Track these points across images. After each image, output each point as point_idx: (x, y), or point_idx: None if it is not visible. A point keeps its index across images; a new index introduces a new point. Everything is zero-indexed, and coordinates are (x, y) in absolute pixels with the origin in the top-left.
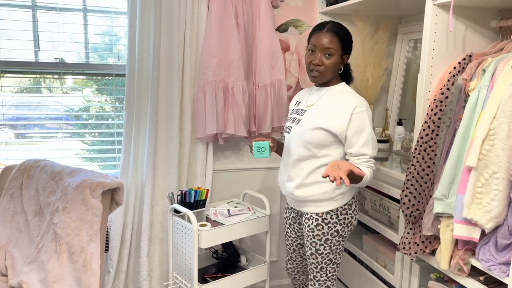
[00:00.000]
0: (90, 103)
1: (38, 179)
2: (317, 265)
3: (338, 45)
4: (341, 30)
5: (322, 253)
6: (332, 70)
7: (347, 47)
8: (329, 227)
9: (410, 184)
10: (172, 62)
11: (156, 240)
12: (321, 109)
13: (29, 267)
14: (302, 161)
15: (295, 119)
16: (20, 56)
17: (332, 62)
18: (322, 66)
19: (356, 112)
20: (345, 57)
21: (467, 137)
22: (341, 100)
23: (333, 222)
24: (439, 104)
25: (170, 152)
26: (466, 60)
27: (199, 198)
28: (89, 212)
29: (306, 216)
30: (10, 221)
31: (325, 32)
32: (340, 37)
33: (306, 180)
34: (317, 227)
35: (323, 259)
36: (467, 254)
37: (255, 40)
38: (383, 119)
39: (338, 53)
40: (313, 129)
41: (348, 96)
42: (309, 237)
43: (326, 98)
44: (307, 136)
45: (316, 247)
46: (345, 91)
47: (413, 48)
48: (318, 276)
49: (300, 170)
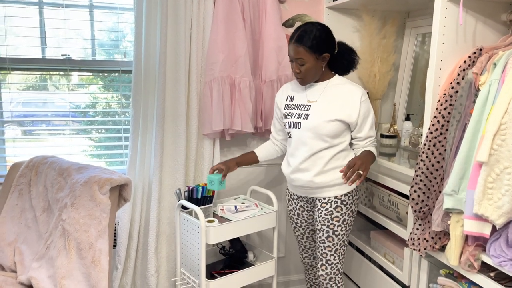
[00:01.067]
0: (96, 99)
1: (46, 176)
2: (332, 248)
3: (305, 53)
4: (308, 37)
5: (339, 234)
6: (312, 73)
7: (320, 49)
8: (347, 208)
9: (419, 179)
10: (178, 58)
11: (163, 236)
12: (329, 102)
13: (38, 263)
14: (319, 152)
15: (302, 114)
16: (27, 53)
17: (307, 68)
18: (301, 73)
19: (363, 100)
20: (324, 55)
21: (478, 132)
22: (346, 91)
23: (350, 203)
24: (449, 99)
25: (177, 148)
26: (476, 54)
27: (206, 195)
28: (97, 208)
29: (323, 201)
30: (19, 217)
31: (292, 43)
32: (308, 45)
33: (325, 168)
34: (336, 209)
35: (339, 240)
36: (477, 250)
37: (261, 35)
38: (391, 115)
39: (310, 58)
40: (328, 122)
41: (351, 87)
42: (326, 220)
43: (329, 92)
44: (324, 129)
45: (334, 228)
46: (345, 82)
47: (421, 42)
48: (332, 259)
49: (318, 159)
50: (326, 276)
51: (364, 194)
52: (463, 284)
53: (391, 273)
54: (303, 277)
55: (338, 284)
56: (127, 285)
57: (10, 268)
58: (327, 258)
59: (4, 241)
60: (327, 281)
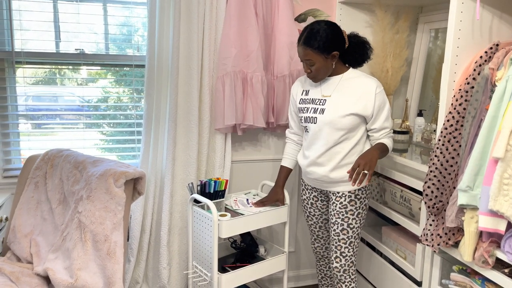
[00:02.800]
0: (109, 94)
1: (62, 168)
2: (346, 240)
3: (313, 54)
4: (315, 39)
5: (354, 227)
6: (323, 71)
7: (328, 48)
8: (361, 202)
9: (433, 175)
10: (191, 53)
11: (175, 230)
12: (344, 96)
13: (54, 255)
14: (336, 146)
15: (317, 109)
16: (42, 47)
17: (317, 67)
18: (312, 73)
19: (378, 92)
20: (333, 54)
21: (494, 128)
22: (360, 84)
23: (364, 197)
24: (464, 94)
25: (189, 142)
26: (493, 49)
27: (219, 189)
28: (112, 201)
29: (337, 194)
30: (35, 209)
31: (300, 45)
32: (315, 47)
33: (341, 163)
34: (350, 203)
35: (353, 233)
36: (492, 246)
37: (274, 30)
38: (403, 110)
39: (319, 58)
40: (344, 116)
41: (365, 80)
42: (341, 214)
43: (344, 85)
44: (340, 123)
45: (348, 221)
46: (359, 75)
47: (434, 37)
48: (346, 251)
49: (334, 154)
50: (341, 268)
51: (376, 190)
52: (476, 280)
53: (403, 268)
54: (313, 271)
55: (352, 277)
56: (139, 277)
57: (27, 260)
58: (341, 250)
59: (21, 233)
60: (341, 273)
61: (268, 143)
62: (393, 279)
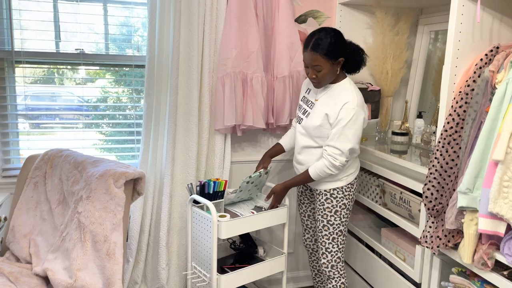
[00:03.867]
0: (108, 94)
1: (62, 169)
2: (329, 236)
3: (322, 59)
4: (324, 45)
5: (334, 223)
6: (328, 77)
7: (336, 55)
8: (337, 201)
9: (433, 177)
10: (191, 53)
11: (174, 230)
12: (324, 105)
13: (54, 255)
14: (309, 149)
15: (306, 111)
16: (41, 47)
17: (323, 73)
18: (317, 78)
19: (344, 108)
20: (339, 60)
21: (494, 130)
22: (338, 95)
23: (340, 197)
24: (465, 97)
25: (189, 143)
26: (493, 52)
27: (218, 189)
28: (112, 202)
29: (316, 191)
30: (34, 209)
31: (308, 51)
32: (322, 52)
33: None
34: (326, 200)
35: (334, 229)
36: (491, 249)
37: (274, 31)
38: (403, 112)
39: (326, 64)
40: (317, 127)
41: (346, 93)
42: (321, 210)
43: (329, 94)
44: (313, 131)
45: (327, 218)
46: (345, 88)
47: (434, 39)
48: (330, 247)
49: (309, 156)
50: (328, 264)
51: (376, 191)
52: (475, 282)
53: (402, 270)
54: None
55: (341, 272)
56: (138, 278)
57: (26, 260)
58: (326, 246)
59: (20, 233)
60: (329, 269)
61: (267, 144)
62: (392, 280)
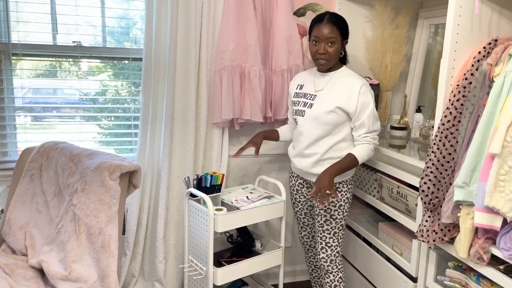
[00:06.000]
0: (106, 87)
1: (57, 161)
2: (330, 231)
3: (338, 33)
4: (338, 20)
5: (337, 218)
6: (336, 56)
7: (345, 33)
8: (342, 195)
9: (430, 171)
10: (188, 46)
11: (172, 224)
12: (332, 92)
13: (49, 247)
14: (319, 140)
15: (307, 103)
16: (39, 39)
17: (335, 49)
18: (327, 54)
19: (362, 92)
20: (344, 42)
21: (491, 124)
22: (348, 82)
23: (345, 191)
24: (462, 90)
25: (186, 136)
26: (491, 45)
27: (215, 183)
28: (107, 194)
29: None
30: (30, 202)
31: (325, 23)
32: (339, 26)
33: (323, 156)
34: (331, 195)
35: (336, 224)
36: (487, 243)
37: (272, 24)
38: (402, 106)
39: (339, 40)
40: (329, 112)
41: (354, 79)
42: (324, 205)
43: (334, 82)
44: (324, 119)
45: (331, 213)
46: (349, 74)
47: (434, 33)
48: (331, 242)
49: (318, 148)
50: (327, 258)
51: (373, 186)
52: (471, 276)
53: (399, 264)
54: None
55: (339, 266)
56: (135, 271)
57: (21, 252)
58: (326, 241)
59: (16, 225)
60: (328, 263)
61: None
62: (389, 275)
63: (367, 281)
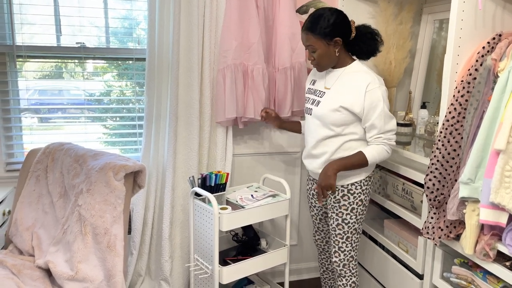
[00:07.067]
0: (111, 88)
1: (63, 162)
2: (343, 235)
3: (314, 39)
4: (316, 24)
5: (349, 222)
6: (325, 59)
7: (330, 34)
8: (354, 197)
9: (435, 168)
10: (191, 46)
11: (177, 223)
12: (338, 90)
13: (55, 248)
14: (326, 140)
15: (314, 101)
16: (43, 41)
17: (318, 54)
18: (314, 60)
19: (369, 90)
20: (336, 40)
21: (496, 120)
22: (354, 79)
23: (358, 192)
24: (467, 86)
25: (190, 136)
26: (495, 40)
27: (220, 182)
28: (112, 194)
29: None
30: (36, 203)
31: (302, 31)
32: (317, 32)
33: (332, 156)
34: (343, 197)
35: (349, 228)
36: (493, 239)
37: (275, 22)
38: (406, 103)
39: (320, 44)
40: (334, 111)
41: (361, 75)
42: (335, 208)
43: (342, 79)
44: (329, 118)
45: (342, 217)
46: (358, 70)
47: (438, 28)
48: (344, 246)
49: (326, 148)
50: (340, 262)
51: (378, 183)
52: (477, 273)
53: (405, 262)
54: (315, 265)
55: (352, 271)
56: (142, 270)
57: (28, 252)
58: (339, 245)
59: (22, 226)
60: (340, 268)
61: (269, 136)
62: (395, 272)
63: (373, 278)
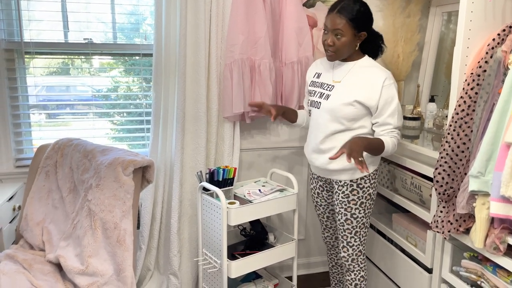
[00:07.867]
0: (118, 83)
1: (72, 158)
2: (351, 230)
3: (347, 26)
4: (351, 10)
5: (358, 217)
6: (345, 49)
7: (361, 25)
8: (363, 191)
9: (444, 161)
10: (198, 41)
11: (185, 218)
12: (351, 84)
13: (66, 242)
14: (335, 134)
15: (323, 94)
16: (50, 37)
17: (342, 42)
18: (334, 46)
19: (386, 85)
20: (361, 34)
21: (506, 112)
22: (370, 74)
23: (367, 186)
24: (476, 78)
25: (198, 131)
26: (506, 31)
27: (227, 177)
28: (121, 189)
29: (339, 183)
30: (46, 198)
31: (335, 13)
32: (350, 18)
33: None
34: (352, 192)
35: (358, 223)
36: (503, 233)
37: (281, 16)
38: (414, 96)
39: (349, 33)
40: (347, 105)
41: (376, 70)
42: (344, 203)
43: (354, 73)
44: (341, 112)
45: (351, 211)
46: (371, 65)
47: (447, 21)
48: (352, 241)
49: (335, 141)
50: (348, 257)
51: (386, 177)
52: (487, 267)
53: (414, 256)
54: (323, 259)
55: (361, 265)
56: (150, 264)
57: (39, 247)
58: (347, 240)
59: (33, 221)
60: (349, 262)
61: (277, 131)
62: (404, 266)
63: (382, 272)
